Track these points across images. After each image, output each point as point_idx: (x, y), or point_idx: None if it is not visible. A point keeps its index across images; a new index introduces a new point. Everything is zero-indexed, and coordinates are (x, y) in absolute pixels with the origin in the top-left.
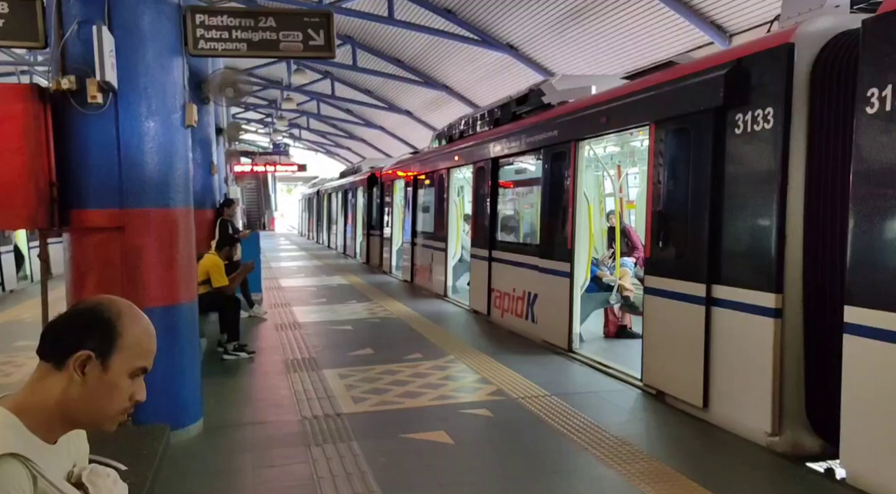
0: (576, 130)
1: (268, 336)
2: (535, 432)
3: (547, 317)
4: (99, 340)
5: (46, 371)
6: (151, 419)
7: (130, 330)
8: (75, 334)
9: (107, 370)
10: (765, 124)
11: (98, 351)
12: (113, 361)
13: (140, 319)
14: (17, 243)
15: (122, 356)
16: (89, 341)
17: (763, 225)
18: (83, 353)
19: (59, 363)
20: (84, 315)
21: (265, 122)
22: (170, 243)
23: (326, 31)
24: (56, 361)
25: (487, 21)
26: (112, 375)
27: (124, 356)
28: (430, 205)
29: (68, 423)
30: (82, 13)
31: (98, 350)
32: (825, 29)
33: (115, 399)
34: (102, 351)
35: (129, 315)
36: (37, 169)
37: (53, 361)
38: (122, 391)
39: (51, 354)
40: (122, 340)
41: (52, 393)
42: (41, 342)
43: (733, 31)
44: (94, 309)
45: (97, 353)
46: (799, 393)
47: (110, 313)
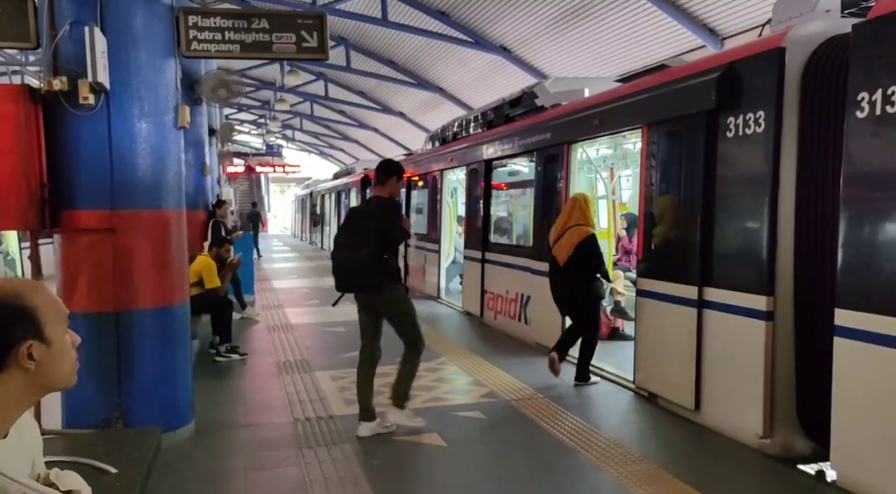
0: (569, 133)
1: (260, 337)
2: (528, 434)
3: (540, 319)
4: (23, 326)
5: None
6: (142, 421)
7: (38, 298)
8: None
9: (50, 344)
10: (756, 127)
11: (32, 333)
12: (48, 333)
13: (35, 285)
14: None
15: (50, 323)
16: (16, 332)
17: (754, 227)
18: (25, 346)
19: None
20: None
21: (258, 123)
22: (161, 245)
23: (320, 33)
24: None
25: (481, 23)
26: (56, 343)
27: (51, 321)
28: (423, 207)
29: (31, 402)
30: (74, 14)
31: (31, 333)
32: (816, 33)
33: (69, 358)
34: (35, 332)
35: (24, 288)
36: (28, 170)
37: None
38: (69, 349)
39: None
40: (41, 311)
41: (11, 392)
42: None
43: (725, 35)
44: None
45: (32, 336)
46: (790, 395)
47: (9, 298)
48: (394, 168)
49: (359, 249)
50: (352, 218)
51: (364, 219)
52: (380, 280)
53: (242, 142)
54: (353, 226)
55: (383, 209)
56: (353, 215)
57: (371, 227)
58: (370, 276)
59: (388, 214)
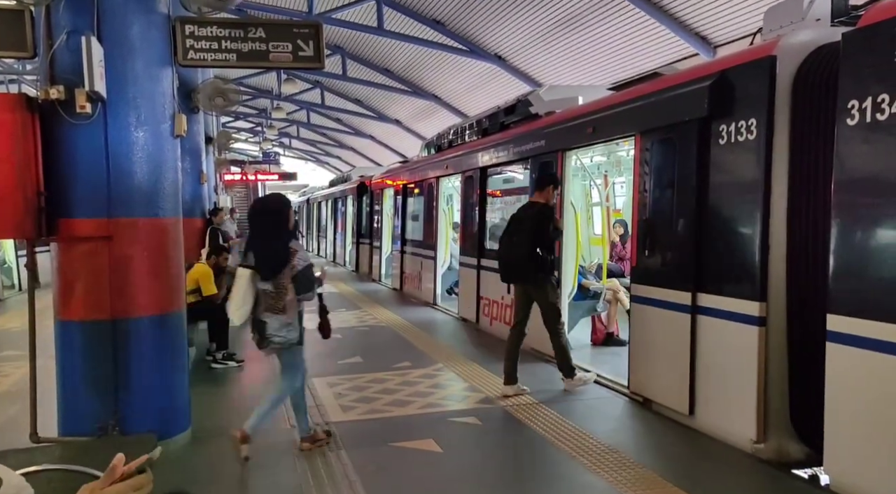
0: (563, 140)
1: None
2: (523, 440)
3: (535, 325)
4: None
5: None
6: (139, 428)
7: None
8: None
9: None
10: (748, 135)
11: None
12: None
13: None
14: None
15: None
16: None
17: (747, 234)
18: None
19: None
20: None
21: (255, 131)
22: (158, 253)
23: (316, 42)
24: None
25: (476, 32)
26: None
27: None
28: (419, 214)
29: None
30: (71, 23)
31: None
32: (806, 42)
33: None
34: None
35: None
36: (25, 178)
37: None
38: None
39: None
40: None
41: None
42: None
43: (718, 43)
44: None
45: None
46: (783, 400)
47: None
48: (551, 178)
49: (518, 247)
50: (513, 221)
51: (523, 221)
52: (534, 273)
53: (239, 150)
54: (514, 228)
55: (538, 213)
56: (514, 219)
57: (527, 229)
58: (526, 269)
59: (542, 216)
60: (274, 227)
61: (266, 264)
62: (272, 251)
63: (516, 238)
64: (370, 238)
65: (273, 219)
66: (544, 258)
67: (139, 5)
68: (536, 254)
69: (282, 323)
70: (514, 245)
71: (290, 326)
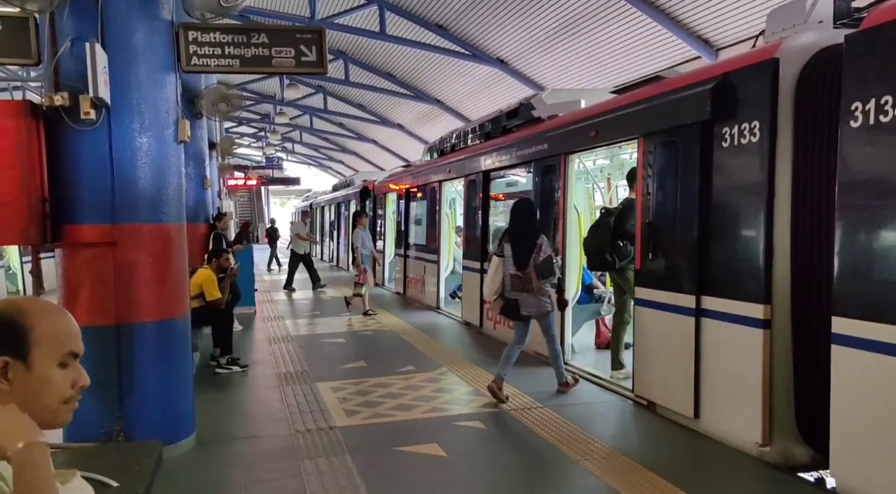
0: (565, 144)
1: (260, 349)
2: (528, 443)
3: (539, 329)
4: (9, 342)
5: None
6: (143, 434)
7: (41, 322)
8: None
9: (31, 368)
10: (751, 137)
11: (13, 353)
12: (33, 357)
13: (48, 310)
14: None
15: (41, 349)
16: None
17: (751, 236)
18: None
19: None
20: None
21: (258, 136)
22: (163, 258)
23: (318, 48)
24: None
25: (478, 36)
26: (38, 371)
27: (44, 348)
28: (422, 218)
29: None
30: (75, 30)
31: (12, 352)
32: (809, 44)
33: (52, 392)
34: (18, 352)
35: (32, 309)
36: (29, 184)
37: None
38: (55, 383)
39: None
40: (35, 333)
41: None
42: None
43: (720, 46)
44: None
45: (13, 355)
46: (788, 403)
47: (10, 312)
48: (631, 174)
49: (599, 238)
50: (601, 215)
51: (607, 215)
52: (614, 260)
53: (243, 155)
54: (599, 221)
55: (622, 207)
56: (602, 212)
57: (608, 222)
58: (606, 258)
59: (624, 209)
60: (527, 227)
61: (520, 255)
62: (526, 245)
63: (601, 229)
64: (373, 242)
65: (527, 219)
66: (621, 247)
67: (143, 12)
68: (617, 244)
69: (530, 300)
70: (597, 235)
71: (538, 301)
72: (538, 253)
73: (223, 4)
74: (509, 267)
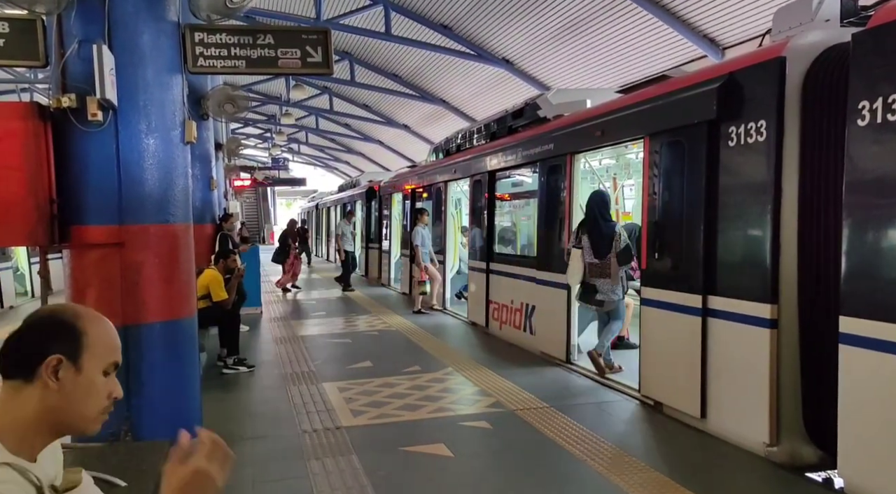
0: (571, 143)
1: (267, 349)
2: (534, 444)
3: (545, 329)
4: (65, 343)
5: (15, 388)
6: (151, 434)
7: (93, 327)
8: (39, 343)
9: (80, 370)
10: (758, 136)
11: (68, 353)
12: (84, 360)
13: (99, 318)
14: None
15: (92, 353)
16: (55, 345)
17: (757, 235)
18: (53, 358)
19: (28, 376)
20: (42, 322)
21: (264, 137)
22: (169, 259)
23: (324, 48)
24: (24, 375)
25: (483, 36)
26: (86, 375)
27: (94, 353)
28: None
29: (49, 434)
30: (82, 32)
31: (67, 352)
32: (816, 42)
33: (94, 398)
34: (72, 353)
35: (86, 315)
36: (37, 186)
37: (22, 376)
38: (99, 389)
39: (17, 369)
40: (88, 338)
41: (28, 408)
42: (2, 362)
43: (726, 45)
44: (51, 316)
45: (67, 356)
46: (796, 403)
47: (68, 316)
48: None
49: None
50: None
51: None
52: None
53: (249, 156)
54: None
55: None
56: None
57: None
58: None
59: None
60: (602, 218)
61: (598, 244)
62: (602, 236)
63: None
64: (379, 242)
65: (602, 210)
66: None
67: (149, 14)
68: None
69: (607, 285)
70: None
71: (615, 287)
72: (617, 241)
73: (229, 6)
74: (587, 256)
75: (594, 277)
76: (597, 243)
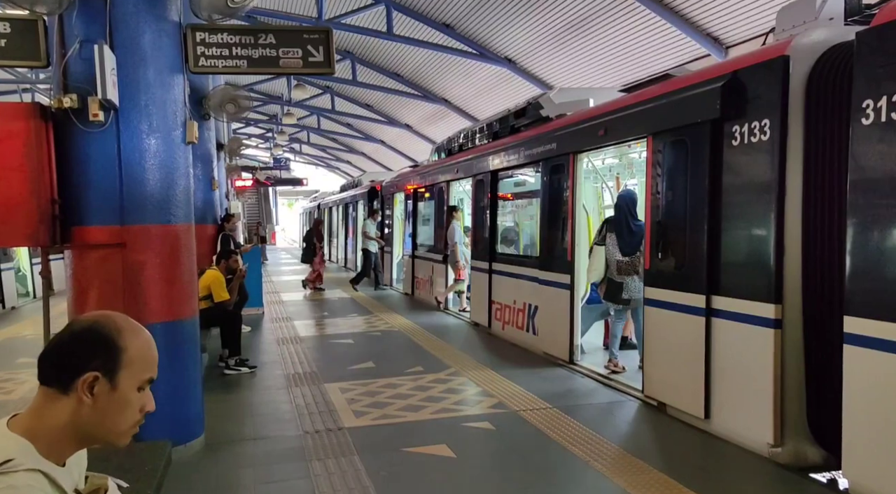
0: (574, 143)
1: (269, 350)
2: (537, 445)
3: (548, 329)
4: (103, 359)
5: (51, 396)
6: (153, 435)
7: (133, 343)
8: (78, 356)
9: (115, 387)
10: (761, 136)
11: (104, 369)
12: (120, 377)
13: (140, 331)
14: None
15: (129, 371)
16: (94, 361)
17: (761, 235)
18: (90, 375)
19: (64, 387)
20: (83, 335)
21: (266, 137)
22: (171, 259)
23: (326, 48)
24: (61, 386)
25: (485, 35)
26: (121, 391)
27: (131, 370)
28: (430, 218)
29: (79, 443)
30: (84, 32)
31: (104, 369)
32: (819, 41)
33: (127, 414)
34: (109, 370)
35: (128, 329)
36: (38, 186)
37: (58, 386)
38: (132, 405)
39: (54, 379)
40: (127, 354)
41: (61, 418)
42: (41, 367)
43: (729, 44)
44: (92, 328)
45: (104, 372)
46: (800, 403)
47: (109, 329)
48: None
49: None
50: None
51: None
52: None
53: (250, 156)
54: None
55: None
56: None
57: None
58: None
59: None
60: (631, 216)
61: (627, 242)
62: (632, 233)
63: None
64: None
65: (630, 209)
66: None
67: (151, 13)
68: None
69: (637, 283)
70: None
71: (640, 285)
72: None
73: (230, 5)
74: (615, 254)
75: (623, 274)
76: (625, 240)
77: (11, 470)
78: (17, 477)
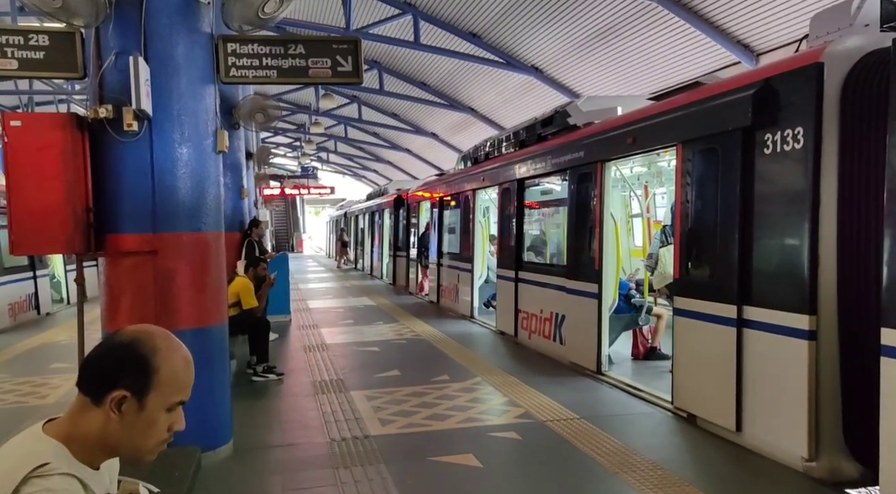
0: (602, 151)
1: (296, 357)
2: (564, 455)
3: (575, 339)
4: (135, 379)
5: (85, 404)
6: (182, 441)
7: (167, 365)
8: (111, 372)
9: (143, 407)
10: (795, 144)
11: (134, 389)
12: (149, 399)
13: (176, 352)
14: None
15: (159, 393)
16: (125, 379)
17: (795, 245)
18: (118, 394)
19: (96, 399)
20: (120, 351)
21: (294, 146)
22: (201, 266)
23: (354, 58)
24: (93, 397)
25: (512, 44)
26: (149, 412)
27: (161, 393)
28: (455, 226)
29: (109, 453)
30: (119, 44)
31: (134, 388)
32: (855, 48)
33: (153, 434)
34: (138, 390)
35: (165, 349)
36: (74, 195)
37: (91, 396)
38: (159, 426)
39: (89, 389)
40: (159, 377)
41: (92, 426)
42: (80, 374)
43: (760, 51)
44: (130, 345)
45: (133, 392)
46: (836, 416)
47: (146, 349)
48: None
49: None
50: None
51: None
52: None
53: (278, 164)
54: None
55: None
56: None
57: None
58: None
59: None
60: None
61: None
62: None
63: None
64: (407, 251)
65: None
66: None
67: (184, 26)
68: None
69: None
70: None
71: None
72: None
73: (261, 16)
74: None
75: None
76: None
77: (48, 474)
78: (52, 481)
